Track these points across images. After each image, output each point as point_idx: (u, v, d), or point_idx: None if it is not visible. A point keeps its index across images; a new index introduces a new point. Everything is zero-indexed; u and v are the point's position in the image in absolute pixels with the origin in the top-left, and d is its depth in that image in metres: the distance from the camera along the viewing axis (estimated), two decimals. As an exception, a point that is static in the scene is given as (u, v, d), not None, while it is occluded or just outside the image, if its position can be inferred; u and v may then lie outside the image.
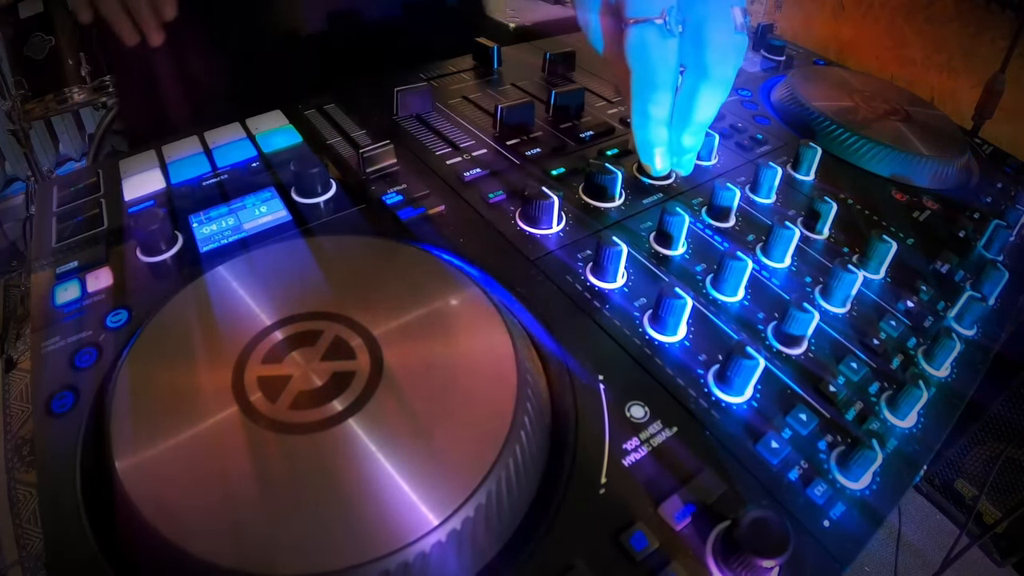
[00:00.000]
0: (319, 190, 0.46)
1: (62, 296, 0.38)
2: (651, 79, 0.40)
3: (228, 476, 0.27)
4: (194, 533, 0.24)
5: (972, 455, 1.08)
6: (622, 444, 0.32)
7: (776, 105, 0.67)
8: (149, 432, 0.28)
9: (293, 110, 0.58)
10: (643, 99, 0.42)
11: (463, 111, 0.60)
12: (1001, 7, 0.99)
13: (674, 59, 0.40)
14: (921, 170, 0.58)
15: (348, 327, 0.33)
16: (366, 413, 0.29)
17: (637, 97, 0.42)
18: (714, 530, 0.29)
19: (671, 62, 0.40)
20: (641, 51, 0.40)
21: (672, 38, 0.39)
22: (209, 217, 0.44)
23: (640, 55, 0.40)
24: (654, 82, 0.40)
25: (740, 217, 0.49)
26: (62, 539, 0.27)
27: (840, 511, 0.31)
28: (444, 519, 0.25)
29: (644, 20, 0.39)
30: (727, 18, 0.40)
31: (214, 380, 0.30)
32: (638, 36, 0.39)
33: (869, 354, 0.40)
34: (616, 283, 0.41)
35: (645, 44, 0.39)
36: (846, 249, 0.48)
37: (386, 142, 0.50)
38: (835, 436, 0.34)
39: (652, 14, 0.38)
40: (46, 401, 0.32)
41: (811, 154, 0.54)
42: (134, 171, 0.49)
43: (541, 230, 0.45)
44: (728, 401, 0.35)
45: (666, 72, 0.40)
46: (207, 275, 0.36)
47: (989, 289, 0.45)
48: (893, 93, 0.68)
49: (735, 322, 0.40)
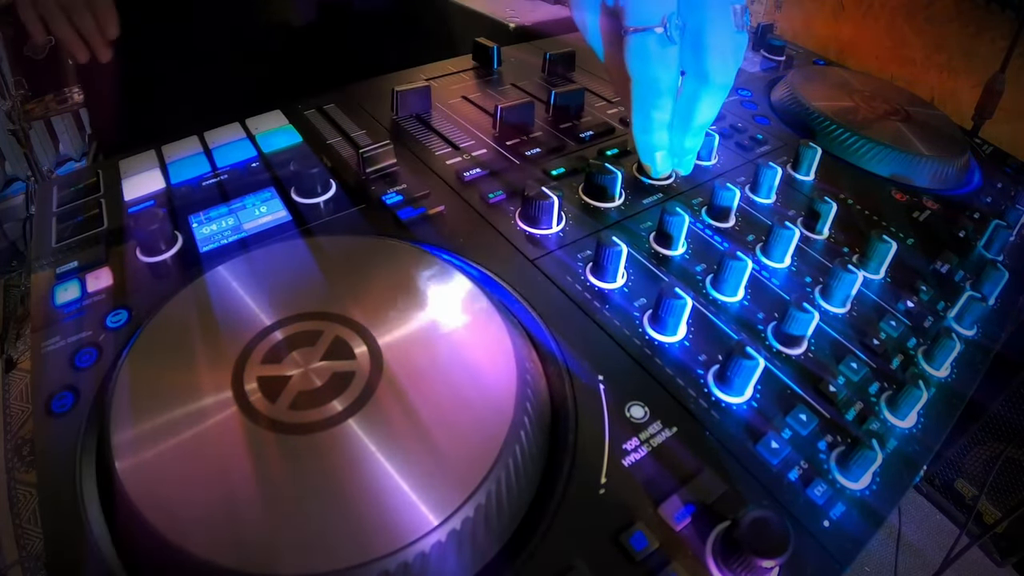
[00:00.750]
0: (319, 190, 0.46)
1: (62, 296, 0.38)
2: (653, 86, 0.40)
3: (228, 476, 0.27)
4: (194, 533, 0.24)
5: (972, 455, 1.08)
6: (622, 444, 0.32)
7: (776, 105, 0.67)
8: (149, 432, 0.28)
9: (293, 110, 0.58)
10: (644, 105, 0.42)
11: (463, 111, 0.60)
12: (1001, 7, 0.99)
13: (675, 65, 0.40)
14: (921, 170, 0.58)
15: (348, 327, 0.33)
16: (366, 413, 0.29)
17: (638, 103, 0.42)
18: (714, 530, 0.29)
19: (672, 69, 0.40)
20: (642, 59, 0.39)
21: (673, 45, 0.39)
22: (209, 217, 0.44)
23: (641, 63, 0.40)
24: (656, 89, 0.40)
25: (740, 217, 0.49)
26: (62, 539, 0.27)
27: (840, 511, 0.31)
28: (444, 519, 0.25)
29: (644, 29, 0.38)
30: (727, 20, 0.39)
31: (214, 380, 0.30)
32: (638, 44, 0.39)
33: (869, 354, 0.40)
34: (616, 283, 0.41)
35: (646, 52, 0.39)
36: (846, 249, 0.48)
37: (386, 142, 0.50)
38: (835, 436, 0.34)
39: (652, 22, 0.38)
40: (46, 401, 0.32)
41: (811, 154, 0.54)
42: (134, 171, 0.49)
43: (541, 230, 0.45)
44: (728, 401, 0.35)
45: (667, 78, 0.40)
46: (207, 275, 0.36)
47: (989, 289, 0.45)
48: (893, 93, 0.68)
49: (735, 322, 0.40)
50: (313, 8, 0.74)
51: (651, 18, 0.38)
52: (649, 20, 0.38)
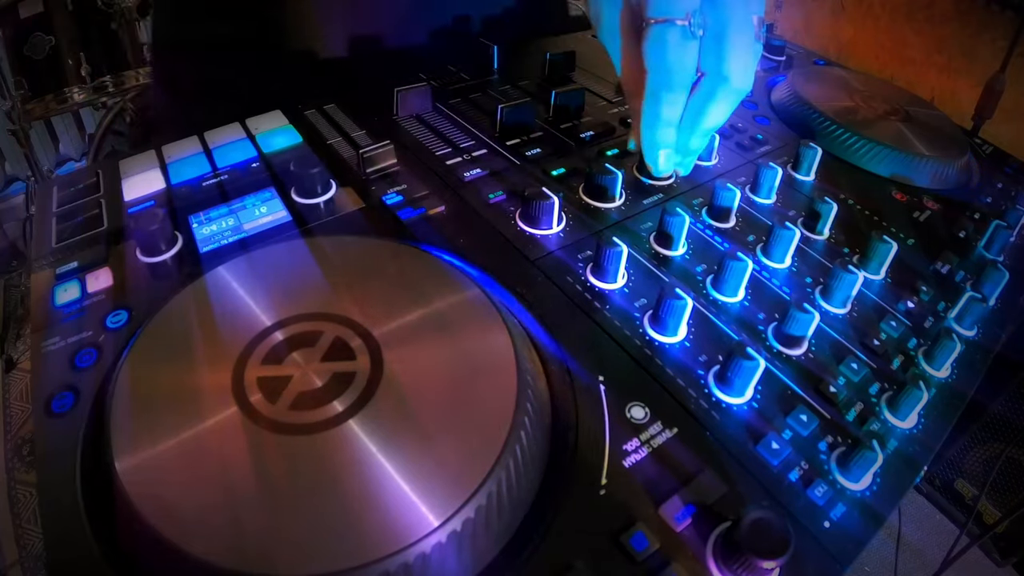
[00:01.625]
0: (319, 190, 0.46)
1: (62, 296, 0.38)
2: (668, 80, 0.40)
3: (228, 477, 0.27)
4: (194, 534, 0.24)
5: (972, 455, 1.08)
6: (622, 445, 0.32)
7: (776, 105, 0.67)
8: (149, 433, 0.28)
9: (293, 110, 0.58)
10: (657, 99, 0.41)
11: (463, 111, 0.60)
12: (1001, 7, 0.99)
13: (693, 62, 0.39)
14: (921, 170, 0.58)
15: (348, 328, 0.33)
16: (366, 414, 0.29)
17: (650, 97, 0.41)
18: (715, 531, 0.29)
19: (690, 65, 0.39)
20: (660, 52, 0.39)
21: (693, 40, 0.38)
22: (209, 217, 0.44)
23: (659, 56, 0.39)
24: (670, 83, 0.40)
25: (740, 217, 0.49)
26: (62, 539, 0.27)
27: (840, 512, 0.31)
28: (444, 520, 0.25)
29: (666, 20, 0.38)
30: (749, 25, 0.39)
31: (214, 381, 0.30)
32: (658, 36, 0.38)
33: (869, 355, 0.40)
34: (616, 284, 0.41)
35: (665, 45, 0.38)
36: (846, 249, 0.48)
37: (386, 142, 0.50)
38: (835, 437, 0.34)
39: (676, 15, 0.38)
40: (46, 401, 0.32)
41: (811, 154, 0.54)
42: (134, 171, 0.49)
43: (541, 230, 0.45)
44: (728, 402, 0.35)
45: (684, 74, 0.39)
46: (207, 275, 0.36)
47: (989, 290, 0.45)
48: (893, 93, 0.68)
49: (735, 323, 0.40)
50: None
51: (675, 10, 0.38)
52: (672, 12, 0.38)
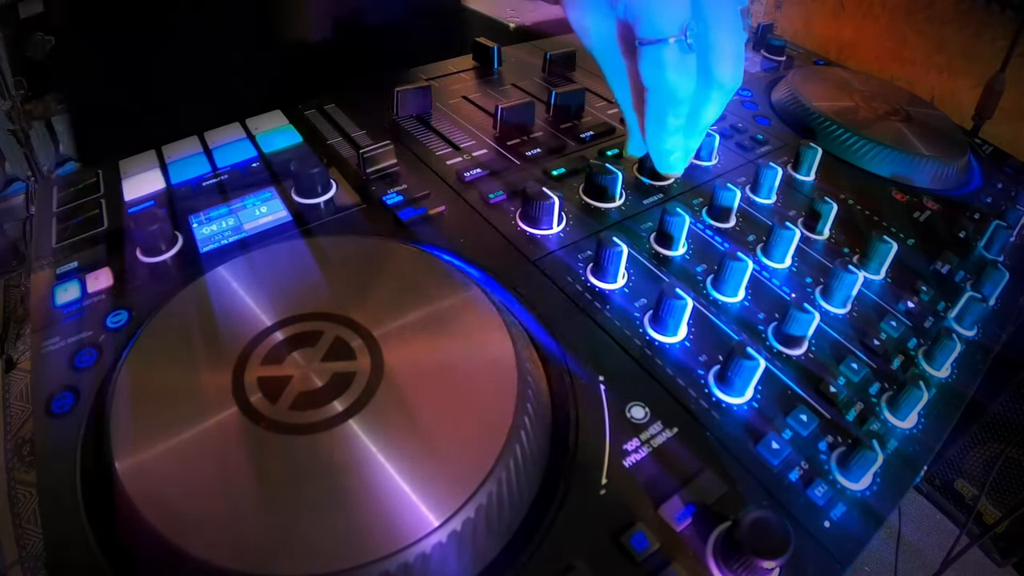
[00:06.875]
0: (319, 190, 0.46)
1: (62, 296, 0.38)
2: (672, 96, 0.39)
3: (228, 477, 0.27)
4: (194, 533, 0.24)
5: (972, 455, 1.08)
6: (623, 445, 0.32)
7: (776, 105, 0.67)
8: (149, 432, 0.28)
9: (293, 110, 0.58)
10: (662, 114, 0.41)
11: (463, 111, 0.60)
12: (1001, 7, 0.99)
13: (693, 73, 0.39)
14: (921, 170, 0.58)
15: (348, 328, 0.33)
16: (367, 414, 0.29)
17: (654, 112, 0.41)
18: (715, 531, 0.29)
19: (690, 76, 0.39)
20: (659, 71, 0.38)
21: (691, 53, 0.38)
22: (209, 217, 0.44)
23: (658, 75, 0.38)
24: (675, 98, 0.39)
25: (740, 217, 0.49)
26: (62, 539, 0.27)
27: (841, 512, 0.31)
28: (445, 520, 0.25)
29: (658, 40, 0.37)
30: (736, 22, 0.39)
31: (214, 381, 0.30)
32: (654, 57, 0.38)
33: (869, 355, 0.40)
34: (616, 284, 0.41)
35: (662, 64, 0.38)
36: (846, 249, 0.48)
37: (386, 142, 0.50)
38: (836, 437, 0.34)
39: (667, 33, 0.37)
40: (46, 401, 0.32)
41: (811, 154, 0.54)
42: (134, 171, 0.49)
43: (541, 230, 0.45)
44: (729, 402, 0.35)
45: (686, 86, 0.39)
46: (207, 275, 0.36)
47: (989, 290, 0.45)
48: (893, 93, 0.68)
49: (735, 323, 0.40)
50: (318, 7, 0.74)
51: (667, 29, 0.37)
52: (664, 31, 0.37)
